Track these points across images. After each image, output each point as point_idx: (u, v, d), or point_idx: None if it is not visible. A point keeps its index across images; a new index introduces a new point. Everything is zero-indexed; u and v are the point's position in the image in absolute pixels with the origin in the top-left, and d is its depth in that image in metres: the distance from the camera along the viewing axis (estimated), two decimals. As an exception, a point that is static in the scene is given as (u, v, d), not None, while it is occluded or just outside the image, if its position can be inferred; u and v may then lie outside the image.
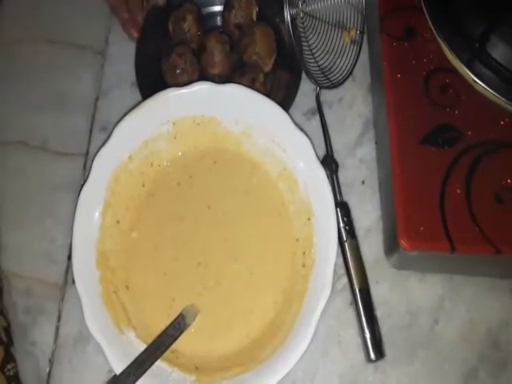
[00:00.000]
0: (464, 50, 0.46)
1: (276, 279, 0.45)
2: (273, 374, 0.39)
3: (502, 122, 0.46)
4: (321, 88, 0.52)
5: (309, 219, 0.44)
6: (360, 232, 0.48)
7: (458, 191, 0.43)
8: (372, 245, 0.48)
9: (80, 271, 0.43)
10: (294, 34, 0.51)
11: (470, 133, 0.45)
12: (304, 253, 0.44)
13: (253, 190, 0.47)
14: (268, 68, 0.53)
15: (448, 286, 0.47)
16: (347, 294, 0.46)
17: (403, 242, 0.42)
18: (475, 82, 0.46)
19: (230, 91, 0.45)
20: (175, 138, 0.48)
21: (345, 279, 0.46)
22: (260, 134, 0.46)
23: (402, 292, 0.47)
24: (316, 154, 0.44)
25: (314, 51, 0.54)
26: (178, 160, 0.48)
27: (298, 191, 0.45)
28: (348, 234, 0.46)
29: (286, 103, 0.49)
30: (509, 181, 0.43)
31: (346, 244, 0.46)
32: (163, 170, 0.48)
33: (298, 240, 0.45)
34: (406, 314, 0.47)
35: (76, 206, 0.44)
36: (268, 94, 0.49)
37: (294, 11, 0.53)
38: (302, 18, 0.54)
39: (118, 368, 0.40)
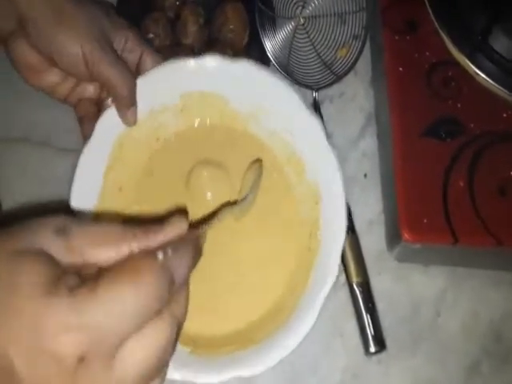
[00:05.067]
0: (466, 42, 0.46)
1: (279, 263, 0.44)
2: (269, 356, 0.38)
3: (504, 115, 0.46)
4: (318, 90, 0.52)
5: (316, 203, 0.43)
6: (362, 225, 0.48)
7: (461, 184, 0.43)
8: (374, 237, 0.48)
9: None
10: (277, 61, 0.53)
11: (472, 125, 0.45)
12: (310, 236, 0.43)
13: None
14: (244, 41, 0.54)
15: (450, 278, 0.47)
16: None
17: (406, 234, 0.42)
18: (477, 74, 0.46)
19: (240, 68, 0.44)
20: (181, 111, 0.46)
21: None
22: (269, 115, 0.45)
23: (405, 284, 0.47)
24: (326, 138, 0.42)
25: (317, 47, 0.54)
26: (184, 136, 0.47)
27: (305, 175, 0.44)
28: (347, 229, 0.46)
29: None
30: (510, 173, 0.44)
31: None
32: (169, 145, 0.47)
33: (304, 224, 0.44)
34: (409, 306, 0.47)
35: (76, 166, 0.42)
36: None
37: (292, 24, 0.54)
38: (303, 25, 0.54)
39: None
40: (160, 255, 0.25)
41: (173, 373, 0.37)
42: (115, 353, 0.24)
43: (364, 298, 0.45)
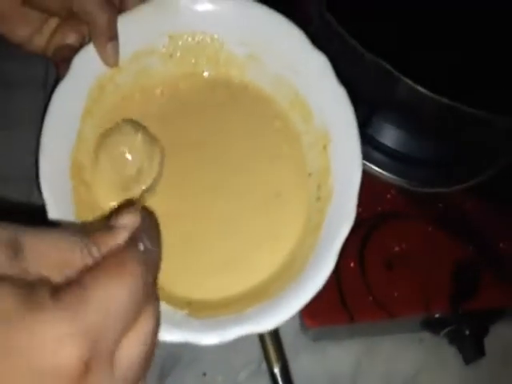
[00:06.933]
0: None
1: (286, 219, 0.40)
2: (282, 310, 0.33)
3: (388, 195, 0.50)
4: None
5: (325, 148, 0.39)
6: None
7: (352, 265, 0.46)
8: (290, 321, 0.51)
9: (48, 176, 0.36)
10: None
11: (360, 209, 0.50)
12: (319, 186, 0.39)
13: (259, 128, 0.42)
14: None
15: (364, 347, 0.50)
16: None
17: (306, 321, 0.45)
18: (364, 164, 0.51)
19: (237, 4, 0.40)
20: (171, 56, 0.42)
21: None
22: (269, 56, 0.41)
23: (322, 361, 0.49)
24: (335, 73, 0.39)
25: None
26: (172, 86, 0.43)
27: (312, 119, 0.40)
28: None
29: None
30: (396, 248, 0.47)
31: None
32: (156, 95, 0.43)
33: (310, 174, 0.40)
34: (327, 381, 0.48)
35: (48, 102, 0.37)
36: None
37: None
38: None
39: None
40: (141, 246, 0.25)
41: (166, 335, 0.32)
42: (115, 351, 0.22)
43: (284, 381, 0.47)
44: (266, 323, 0.33)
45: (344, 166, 0.37)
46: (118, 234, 0.25)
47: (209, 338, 0.33)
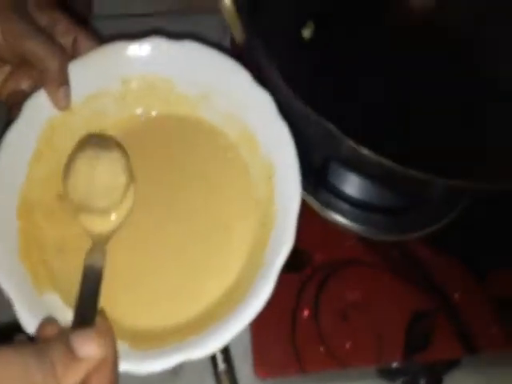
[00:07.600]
0: (308, 181, 0.52)
1: (233, 246, 0.42)
2: (224, 334, 0.35)
3: (345, 242, 0.50)
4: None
5: (270, 178, 0.42)
6: (236, 356, 0.47)
7: (306, 313, 0.46)
8: (248, 366, 0.47)
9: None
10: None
11: (317, 256, 0.50)
12: (264, 213, 0.41)
13: (211, 159, 0.44)
14: None
15: None
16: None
17: (258, 372, 0.44)
18: (322, 209, 0.52)
19: (186, 48, 0.43)
20: (123, 99, 0.44)
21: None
22: (218, 94, 0.44)
23: None
24: (278, 110, 0.42)
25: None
26: (125, 127, 0.45)
27: (259, 152, 0.43)
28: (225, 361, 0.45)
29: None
30: (352, 296, 0.47)
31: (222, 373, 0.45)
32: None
33: (258, 203, 0.42)
34: None
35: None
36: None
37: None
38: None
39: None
40: None
41: None
42: None
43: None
44: (205, 349, 0.34)
45: (286, 195, 0.40)
46: (81, 367, 0.29)
47: (148, 367, 0.34)
